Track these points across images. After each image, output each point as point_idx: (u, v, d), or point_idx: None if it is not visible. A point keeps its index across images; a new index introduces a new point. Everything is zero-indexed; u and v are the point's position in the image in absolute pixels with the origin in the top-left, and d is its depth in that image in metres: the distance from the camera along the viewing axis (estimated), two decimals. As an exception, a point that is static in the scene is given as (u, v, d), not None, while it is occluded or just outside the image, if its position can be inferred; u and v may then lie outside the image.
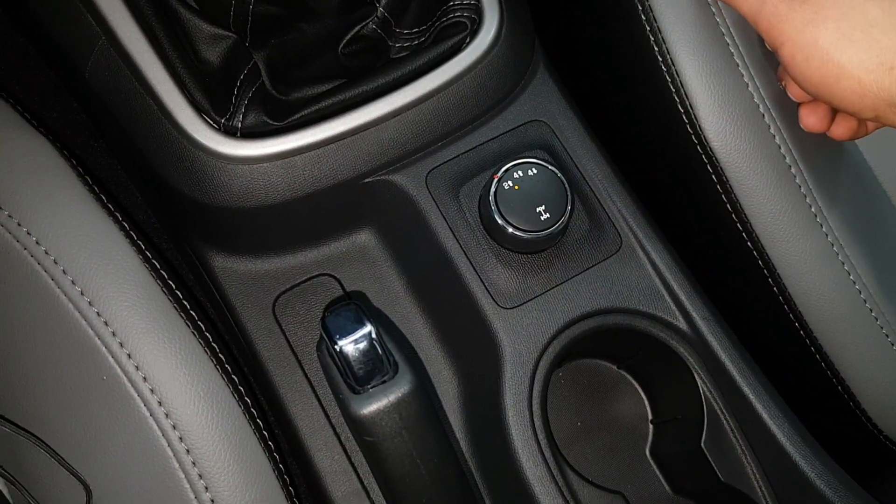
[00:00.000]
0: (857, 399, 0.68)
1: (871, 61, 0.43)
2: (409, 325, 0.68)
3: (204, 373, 0.57)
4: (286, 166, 0.61)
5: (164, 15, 0.62)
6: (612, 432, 0.71)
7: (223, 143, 0.60)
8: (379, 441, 0.47)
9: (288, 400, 0.66)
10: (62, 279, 0.56)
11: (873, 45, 0.43)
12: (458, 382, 0.67)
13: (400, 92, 0.62)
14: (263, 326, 0.67)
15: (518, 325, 0.62)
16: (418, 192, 0.64)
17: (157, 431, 0.54)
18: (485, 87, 0.65)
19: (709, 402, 0.64)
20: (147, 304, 0.57)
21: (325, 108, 0.62)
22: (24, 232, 0.57)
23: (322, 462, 0.65)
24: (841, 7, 0.44)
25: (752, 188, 0.65)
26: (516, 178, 0.61)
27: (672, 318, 0.64)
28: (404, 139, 0.64)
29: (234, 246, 0.68)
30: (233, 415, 0.56)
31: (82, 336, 0.55)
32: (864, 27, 0.43)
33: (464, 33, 0.64)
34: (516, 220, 0.60)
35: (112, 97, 0.64)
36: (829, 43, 0.44)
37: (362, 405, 0.47)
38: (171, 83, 0.60)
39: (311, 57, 0.66)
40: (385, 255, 0.69)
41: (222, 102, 0.62)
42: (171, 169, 0.62)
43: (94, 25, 0.62)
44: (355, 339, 0.47)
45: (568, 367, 0.71)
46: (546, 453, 0.60)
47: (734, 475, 0.64)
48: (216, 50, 0.64)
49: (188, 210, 0.66)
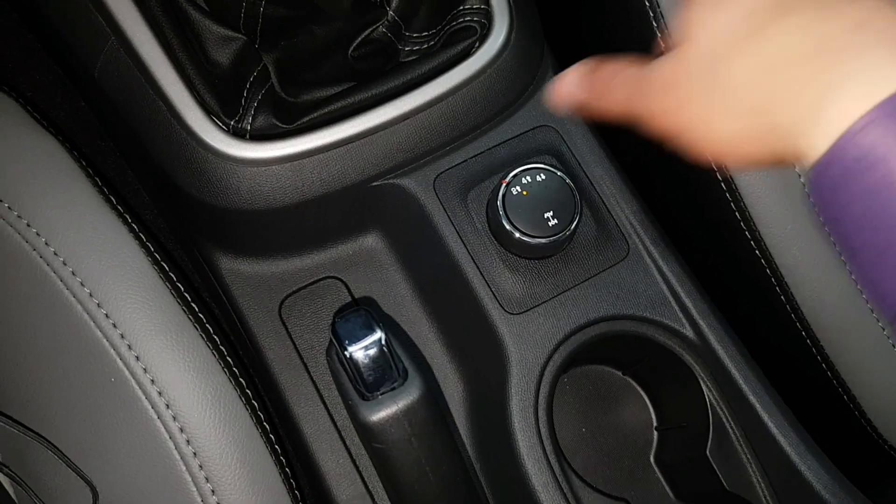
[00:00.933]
0: (863, 409, 0.68)
1: (732, 127, 0.40)
2: (416, 329, 0.68)
3: (212, 376, 0.57)
4: (294, 169, 0.61)
5: (173, 16, 0.62)
6: (616, 439, 0.71)
7: (232, 145, 0.60)
8: (388, 448, 0.47)
9: (293, 402, 0.66)
10: (71, 281, 0.56)
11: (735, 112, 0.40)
12: (464, 387, 0.67)
13: (409, 96, 0.62)
14: (269, 328, 0.67)
15: (525, 330, 0.62)
16: (426, 196, 0.64)
17: (165, 434, 0.54)
18: (494, 92, 0.65)
19: (714, 410, 0.64)
20: (156, 307, 0.57)
21: (335, 111, 0.62)
22: (33, 233, 0.57)
23: (327, 465, 0.65)
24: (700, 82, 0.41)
25: (761, 196, 0.65)
26: (524, 184, 0.61)
27: (678, 326, 0.64)
28: (413, 143, 0.64)
29: (241, 248, 0.68)
30: (240, 418, 0.56)
31: (91, 338, 0.55)
32: (731, 95, 0.40)
33: (473, 38, 0.64)
34: (524, 226, 0.60)
35: (121, 97, 0.64)
36: (703, 124, 0.42)
37: (372, 412, 0.47)
38: (181, 84, 0.60)
39: (320, 60, 0.66)
40: (392, 259, 0.69)
41: (232, 104, 0.62)
42: (180, 170, 0.62)
43: (104, 25, 0.62)
44: (365, 345, 0.47)
45: (573, 373, 0.71)
46: (551, 459, 0.60)
47: (739, 484, 0.64)
48: (226, 51, 0.64)
49: (196, 211, 0.66)
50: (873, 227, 0.34)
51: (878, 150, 0.33)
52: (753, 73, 0.39)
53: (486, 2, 0.65)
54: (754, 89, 0.39)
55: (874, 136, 0.33)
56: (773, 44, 0.38)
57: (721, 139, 0.41)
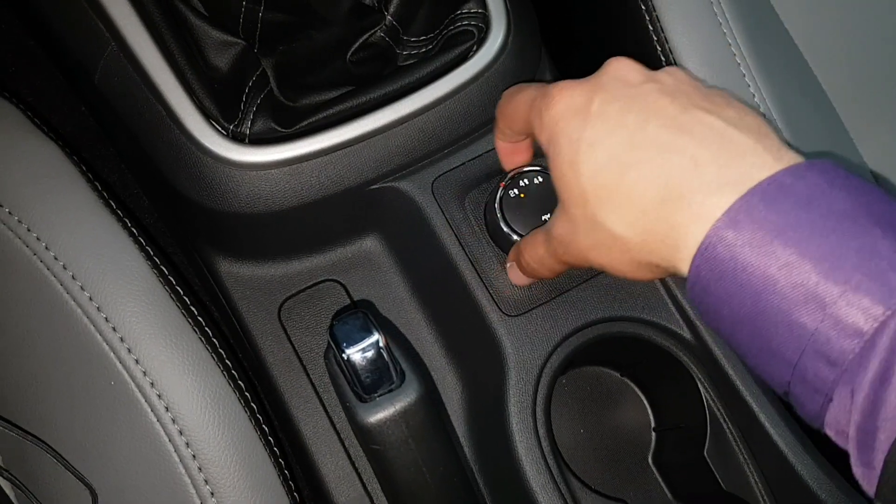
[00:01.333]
0: (860, 409, 0.68)
1: (627, 262, 0.47)
2: (414, 332, 0.68)
3: (210, 379, 0.57)
4: (293, 173, 0.62)
5: (173, 21, 0.63)
6: (614, 440, 0.71)
7: (231, 150, 0.61)
8: (385, 449, 0.48)
9: (292, 405, 0.66)
10: (71, 284, 0.56)
11: (622, 254, 0.47)
12: (462, 389, 0.67)
13: (407, 99, 0.63)
14: (269, 331, 0.68)
15: (522, 332, 0.62)
16: (424, 199, 0.65)
17: (164, 437, 0.54)
18: (491, 96, 0.65)
19: (711, 411, 0.64)
20: (155, 310, 0.57)
21: (333, 115, 0.62)
22: (33, 237, 0.58)
23: (326, 467, 0.65)
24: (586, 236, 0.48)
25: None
26: (522, 186, 0.61)
27: (675, 327, 0.64)
28: (411, 146, 0.64)
29: (240, 251, 0.68)
30: (239, 420, 0.57)
31: (90, 341, 0.55)
32: (611, 241, 0.47)
33: (471, 41, 0.65)
34: (522, 228, 0.61)
35: (121, 102, 0.64)
36: (605, 263, 0.49)
37: (369, 414, 0.47)
38: (180, 89, 0.61)
39: (319, 64, 0.66)
40: (391, 262, 0.70)
41: (231, 109, 0.62)
42: (180, 174, 0.63)
43: (104, 31, 0.63)
44: (363, 347, 0.47)
45: (571, 374, 0.72)
46: (549, 460, 0.60)
47: (736, 484, 0.64)
48: (225, 56, 0.64)
49: (195, 215, 0.66)
50: (739, 325, 0.41)
51: (724, 268, 0.40)
52: (622, 226, 0.45)
53: (483, 6, 0.65)
54: (629, 239, 0.45)
55: (716, 252, 0.40)
56: (629, 199, 0.44)
57: (618, 269, 0.48)
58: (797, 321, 0.38)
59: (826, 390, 0.38)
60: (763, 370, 0.41)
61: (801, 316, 0.38)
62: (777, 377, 0.40)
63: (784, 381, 0.40)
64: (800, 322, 0.38)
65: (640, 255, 0.45)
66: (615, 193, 0.45)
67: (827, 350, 0.37)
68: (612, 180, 0.45)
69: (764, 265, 0.39)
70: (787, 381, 0.40)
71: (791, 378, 0.39)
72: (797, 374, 0.39)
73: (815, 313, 0.37)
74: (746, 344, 0.41)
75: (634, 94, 0.46)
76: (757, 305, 0.39)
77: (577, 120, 0.46)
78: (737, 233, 0.39)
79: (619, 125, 0.45)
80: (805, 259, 0.38)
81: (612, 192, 0.45)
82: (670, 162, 0.43)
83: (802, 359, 0.38)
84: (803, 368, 0.38)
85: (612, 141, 0.45)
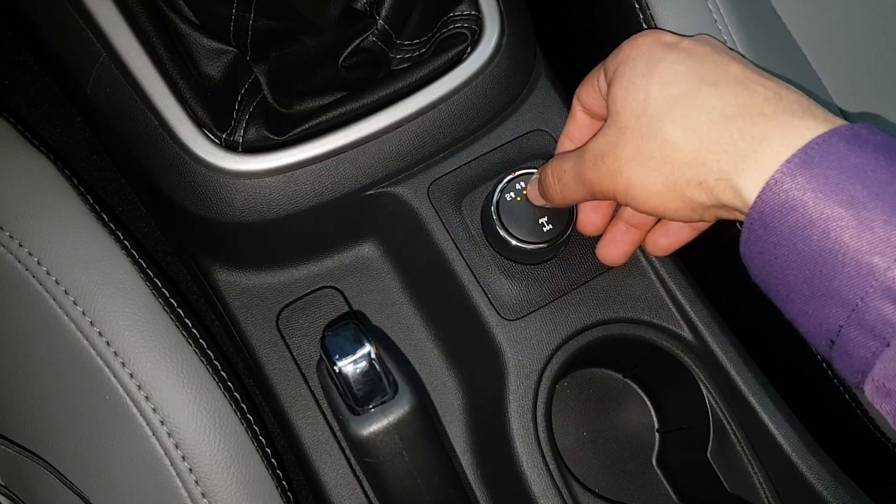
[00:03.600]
0: (864, 408, 0.67)
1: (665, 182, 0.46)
2: (413, 337, 0.68)
3: (206, 391, 0.57)
4: (288, 180, 0.61)
5: (164, 30, 0.62)
6: (618, 442, 0.70)
7: (224, 158, 0.60)
8: (379, 462, 0.47)
9: (292, 413, 0.66)
10: (64, 299, 0.56)
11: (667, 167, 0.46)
12: (462, 394, 0.67)
13: (401, 104, 0.62)
14: (267, 340, 0.67)
15: (521, 336, 0.62)
16: (420, 204, 0.64)
17: (160, 450, 0.54)
18: (486, 98, 0.65)
19: (714, 412, 0.64)
20: (148, 324, 0.57)
21: (326, 122, 0.62)
22: (25, 252, 0.57)
23: (327, 476, 0.65)
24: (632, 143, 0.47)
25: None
26: (518, 189, 0.61)
27: (676, 328, 0.64)
28: (406, 151, 0.64)
29: (237, 260, 0.68)
30: (235, 432, 0.56)
31: (84, 356, 0.55)
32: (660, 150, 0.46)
33: (464, 44, 0.64)
34: (518, 232, 0.60)
35: (114, 113, 0.64)
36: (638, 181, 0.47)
37: (362, 426, 0.47)
38: (172, 99, 0.60)
39: (311, 70, 0.66)
40: (388, 267, 0.69)
41: (223, 117, 0.62)
42: (174, 184, 0.62)
43: (94, 41, 0.63)
44: (354, 359, 0.47)
45: (573, 377, 0.71)
46: (551, 465, 0.60)
47: (741, 485, 0.64)
48: (217, 64, 0.64)
49: (191, 225, 0.66)
50: (798, 264, 0.40)
51: (798, 195, 0.39)
52: (682, 131, 0.44)
53: (476, 8, 0.65)
54: (682, 146, 0.44)
55: (794, 183, 0.39)
56: (700, 108, 0.44)
57: (652, 193, 0.46)
58: (867, 261, 0.38)
59: (885, 334, 0.38)
60: (812, 316, 0.40)
61: (872, 256, 0.37)
62: (827, 323, 0.40)
63: (835, 327, 0.39)
64: (870, 262, 0.38)
65: (684, 171, 0.45)
66: (682, 103, 0.45)
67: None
68: (686, 91, 0.45)
69: (839, 202, 0.38)
70: (839, 327, 0.39)
71: (846, 322, 0.39)
72: (856, 316, 0.38)
73: (888, 254, 0.37)
74: (801, 285, 0.40)
75: (717, 48, 0.49)
76: (824, 243, 0.39)
77: (663, 48, 0.48)
78: (816, 166, 0.39)
79: (706, 58, 0.47)
80: (884, 200, 0.38)
81: (679, 100, 0.45)
82: (754, 90, 0.44)
83: (866, 299, 0.38)
84: (864, 309, 0.38)
85: (696, 65, 0.46)
